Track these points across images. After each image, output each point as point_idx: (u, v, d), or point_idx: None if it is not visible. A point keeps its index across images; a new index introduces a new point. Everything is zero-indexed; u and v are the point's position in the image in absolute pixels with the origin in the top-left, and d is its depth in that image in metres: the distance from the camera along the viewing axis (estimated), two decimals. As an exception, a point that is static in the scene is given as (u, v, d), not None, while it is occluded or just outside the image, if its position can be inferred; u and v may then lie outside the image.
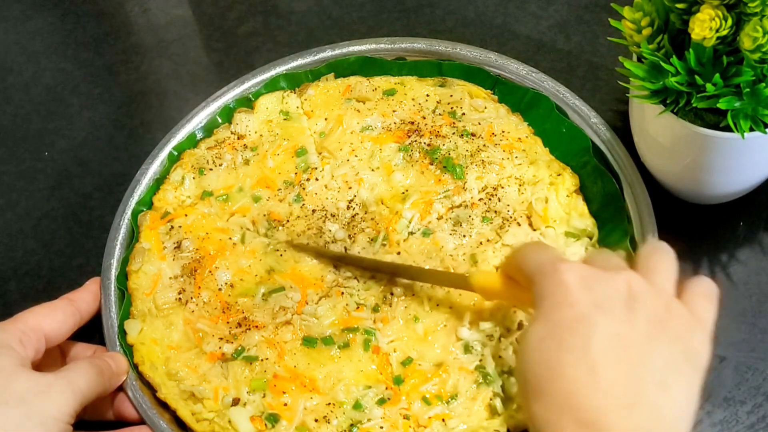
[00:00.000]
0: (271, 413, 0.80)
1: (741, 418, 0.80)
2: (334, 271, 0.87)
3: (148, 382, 0.83)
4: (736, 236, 0.89)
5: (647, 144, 0.86)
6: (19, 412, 0.70)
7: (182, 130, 0.98)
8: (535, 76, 0.97)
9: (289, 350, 0.83)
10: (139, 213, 0.92)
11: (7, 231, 0.99)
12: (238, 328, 0.84)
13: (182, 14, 1.14)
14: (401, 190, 0.91)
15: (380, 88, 0.98)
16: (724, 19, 0.71)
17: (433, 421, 0.79)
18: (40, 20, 1.16)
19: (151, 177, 0.95)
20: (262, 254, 0.89)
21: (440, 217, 0.89)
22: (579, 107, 0.95)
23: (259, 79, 1.00)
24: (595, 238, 0.88)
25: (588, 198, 0.90)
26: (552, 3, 1.08)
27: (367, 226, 0.89)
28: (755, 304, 0.86)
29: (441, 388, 0.80)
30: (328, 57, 1.01)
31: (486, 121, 0.95)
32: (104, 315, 0.87)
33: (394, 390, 0.81)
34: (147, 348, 0.84)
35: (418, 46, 1.02)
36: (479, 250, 0.87)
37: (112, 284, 0.88)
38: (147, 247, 0.89)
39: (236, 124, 0.97)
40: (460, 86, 0.98)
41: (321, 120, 0.97)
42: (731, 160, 0.80)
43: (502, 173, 0.91)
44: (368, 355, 0.82)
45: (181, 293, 0.87)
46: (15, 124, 1.07)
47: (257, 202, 0.92)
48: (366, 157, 0.94)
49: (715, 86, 0.73)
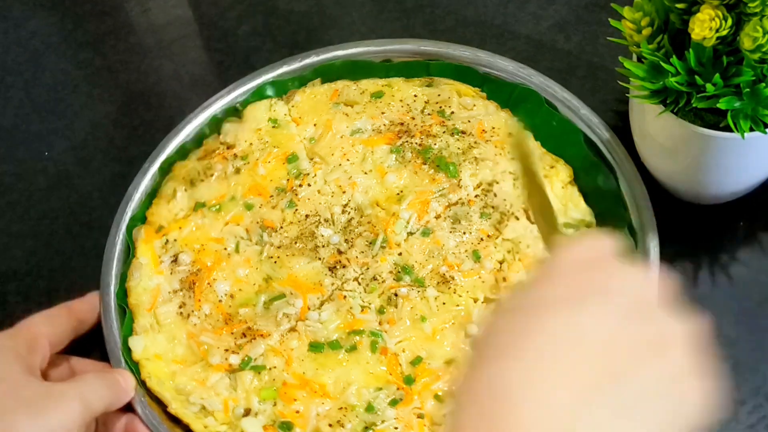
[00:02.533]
0: (284, 421, 0.80)
1: (741, 418, 0.80)
2: (330, 274, 0.87)
3: (158, 398, 0.82)
4: (736, 236, 0.89)
5: (647, 144, 0.86)
6: (27, 419, 0.70)
7: (171, 142, 0.97)
8: (524, 72, 0.98)
9: (296, 357, 0.83)
10: (133, 228, 0.92)
11: (7, 231, 0.98)
12: (242, 339, 0.84)
13: (182, 14, 1.14)
14: (396, 191, 0.91)
15: (368, 91, 0.98)
16: (724, 19, 0.71)
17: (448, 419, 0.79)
18: (40, 20, 1.16)
19: (142, 191, 0.94)
20: (257, 262, 0.89)
21: (438, 215, 0.90)
22: (569, 100, 0.95)
23: (246, 87, 1.00)
24: (594, 227, 0.88)
25: (583, 188, 0.91)
26: (552, 3, 1.08)
27: (365, 229, 0.89)
28: (755, 304, 0.86)
29: (453, 385, 0.80)
30: (314, 62, 1.01)
31: (475, 119, 0.95)
32: (106, 332, 0.85)
33: (405, 390, 0.81)
34: (153, 364, 0.84)
35: (406, 47, 1.01)
36: (481, 246, 0.87)
37: (112, 301, 0.87)
38: (144, 262, 0.89)
39: (225, 134, 0.97)
40: (447, 85, 0.98)
41: (310, 126, 0.97)
42: (731, 160, 0.80)
43: (496, 169, 0.92)
44: (376, 356, 0.82)
45: (182, 307, 0.87)
46: (15, 124, 1.07)
47: (250, 210, 0.92)
48: (358, 161, 0.94)
49: (715, 86, 0.73)
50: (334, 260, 0.88)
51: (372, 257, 0.87)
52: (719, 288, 0.87)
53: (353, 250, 0.88)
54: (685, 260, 0.88)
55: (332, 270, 0.88)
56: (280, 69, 1.00)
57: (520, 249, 0.87)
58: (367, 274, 0.87)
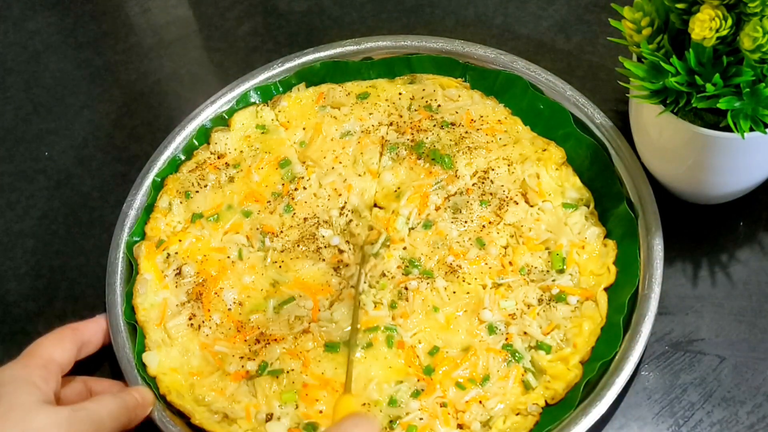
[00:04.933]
0: (309, 422, 0.80)
1: (741, 418, 0.80)
2: (335, 274, 0.88)
3: (179, 411, 0.82)
4: (736, 236, 0.90)
5: (647, 144, 0.86)
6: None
7: (162, 156, 0.96)
8: (505, 58, 0.99)
9: (313, 358, 0.83)
10: (133, 245, 0.91)
11: (7, 231, 0.99)
12: (257, 345, 0.84)
13: (182, 14, 1.14)
14: (393, 188, 0.92)
15: (353, 93, 0.99)
16: (724, 19, 0.71)
17: (471, 405, 0.80)
18: (40, 20, 1.16)
19: (138, 207, 0.94)
20: (262, 268, 0.89)
21: (438, 207, 0.90)
22: (553, 82, 0.96)
23: (230, 96, 1.00)
24: (592, 205, 0.90)
25: (577, 167, 0.92)
26: (552, 3, 1.08)
27: (365, 231, 0.90)
28: (755, 304, 0.86)
29: (472, 371, 0.82)
30: (295, 66, 1.01)
31: (462, 109, 0.96)
32: (118, 352, 0.85)
33: (426, 380, 0.81)
34: (170, 377, 0.83)
35: (384, 44, 1.02)
36: (483, 233, 0.88)
37: (120, 320, 0.87)
38: (149, 278, 0.88)
39: (215, 143, 0.97)
40: (430, 80, 0.99)
41: (299, 130, 0.97)
42: (731, 160, 0.80)
43: (490, 156, 0.93)
44: (393, 351, 0.83)
45: (191, 319, 0.87)
46: (15, 124, 1.07)
47: (248, 217, 0.92)
48: (350, 163, 0.94)
49: (715, 86, 0.73)
50: (336, 260, 0.88)
51: (374, 255, 0.88)
52: (719, 288, 0.87)
53: (356, 253, 0.89)
54: (685, 260, 0.88)
55: (337, 270, 0.88)
56: (262, 74, 1.01)
57: (523, 233, 0.88)
58: (375, 272, 0.87)
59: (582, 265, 0.86)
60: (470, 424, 0.79)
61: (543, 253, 0.88)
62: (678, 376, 0.83)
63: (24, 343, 0.77)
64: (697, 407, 0.81)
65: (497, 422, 0.79)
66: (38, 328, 0.91)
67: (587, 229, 0.88)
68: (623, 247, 0.86)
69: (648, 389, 0.82)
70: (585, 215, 0.89)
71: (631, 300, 0.83)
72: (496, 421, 0.79)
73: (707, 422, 0.80)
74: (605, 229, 0.88)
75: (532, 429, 0.79)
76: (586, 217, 0.89)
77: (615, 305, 0.83)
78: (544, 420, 0.79)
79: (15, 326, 0.92)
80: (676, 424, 0.81)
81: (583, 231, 0.88)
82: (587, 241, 0.87)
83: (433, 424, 0.79)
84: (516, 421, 0.80)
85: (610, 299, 0.84)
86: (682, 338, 0.84)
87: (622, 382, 0.79)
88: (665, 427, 0.81)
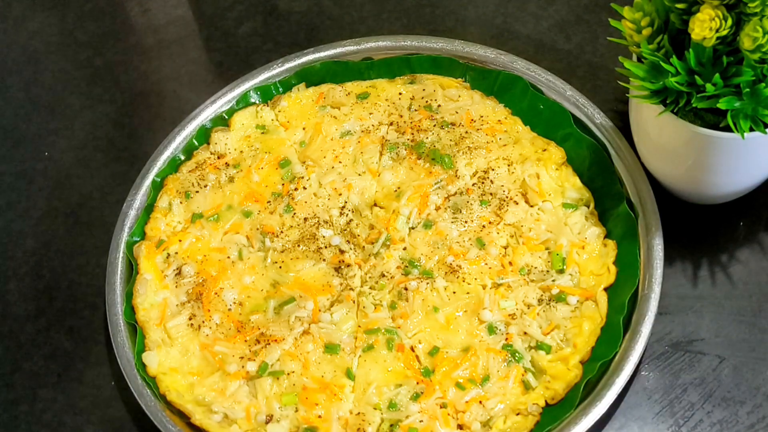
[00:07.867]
0: (308, 427, 0.80)
1: (741, 418, 0.80)
2: (336, 274, 0.88)
3: (179, 411, 0.82)
4: (736, 236, 0.90)
5: (647, 144, 0.86)
6: None
7: (161, 156, 0.96)
8: (505, 58, 0.99)
9: (313, 360, 0.83)
10: (133, 245, 0.91)
11: (7, 231, 0.99)
12: (257, 345, 0.84)
13: (182, 14, 1.14)
14: (393, 188, 0.92)
15: (353, 93, 0.99)
16: (724, 19, 0.71)
17: (471, 405, 0.80)
18: (40, 20, 1.16)
19: (138, 207, 0.94)
20: (262, 268, 0.89)
21: (438, 207, 0.90)
22: (553, 82, 0.96)
23: (230, 96, 1.00)
24: (592, 205, 0.90)
25: (577, 167, 0.92)
26: (552, 3, 1.09)
27: (366, 230, 0.90)
28: (755, 304, 0.86)
29: (472, 371, 0.82)
30: (295, 66, 1.01)
31: (462, 109, 0.96)
32: (118, 352, 0.85)
33: (425, 382, 0.81)
34: (170, 377, 0.84)
35: (384, 44, 1.02)
36: (483, 233, 0.88)
37: (120, 320, 0.87)
38: (149, 278, 0.88)
39: (215, 143, 0.97)
40: (430, 80, 0.99)
41: (299, 130, 0.97)
42: (731, 160, 0.80)
43: (490, 156, 0.93)
44: (392, 354, 0.83)
45: (191, 319, 0.87)
46: (15, 124, 1.07)
47: (248, 217, 0.92)
48: (350, 163, 0.94)
49: (715, 86, 0.73)
50: (337, 260, 0.88)
51: (374, 255, 0.88)
52: (719, 288, 0.87)
53: (357, 251, 0.89)
54: (685, 260, 0.88)
55: (338, 270, 0.88)
56: (262, 75, 1.01)
57: (523, 233, 0.88)
58: (374, 272, 0.87)
59: (582, 265, 0.86)
60: (470, 425, 0.80)
61: (543, 253, 0.88)
62: (678, 376, 0.83)
63: (24, 343, 0.77)
64: (697, 407, 0.81)
65: (497, 422, 0.79)
66: (38, 328, 0.91)
67: (587, 229, 0.88)
68: (623, 247, 0.86)
69: (648, 389, 0.82)
70: (585, 215, 0.89)
71: (631, 300, 0.83)
72: (497, 421, 0.80)
73: (707, 422, 0.80)
74: (605, 229, 0.88)
75: (533, 429, 0.79)
76: (586, 217, 0.89)
77: (615, 305, 0.83)
78: (544, 420, 0.80)
79: (15, 326, 0.92)
80: (676, 424, 0.81)
81: (583, 231, 0.88)
82: (587, 241, 0.87)
83: (433, 425, 0.79)
84: (516, 421, 0.80)
85: (610, 299, 0.84)
86: (682, 338, 0.84)
87: (622, 382, 0.79)
88: (665, 427, 0.81)
